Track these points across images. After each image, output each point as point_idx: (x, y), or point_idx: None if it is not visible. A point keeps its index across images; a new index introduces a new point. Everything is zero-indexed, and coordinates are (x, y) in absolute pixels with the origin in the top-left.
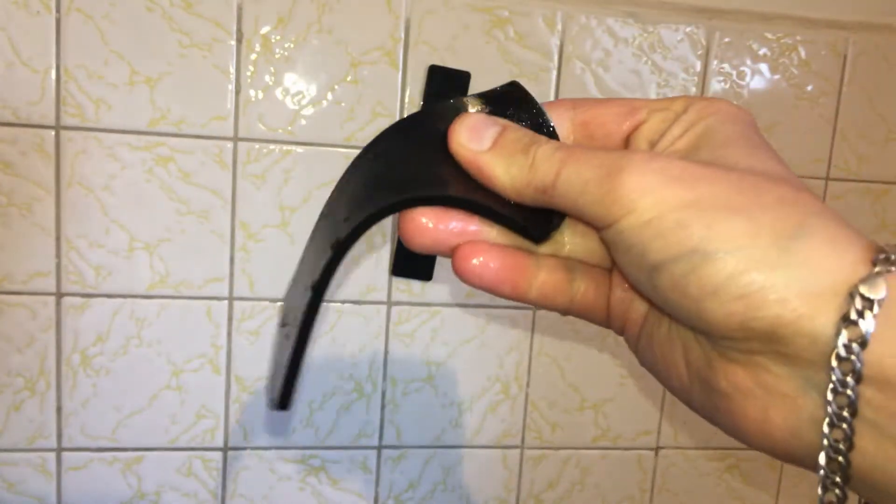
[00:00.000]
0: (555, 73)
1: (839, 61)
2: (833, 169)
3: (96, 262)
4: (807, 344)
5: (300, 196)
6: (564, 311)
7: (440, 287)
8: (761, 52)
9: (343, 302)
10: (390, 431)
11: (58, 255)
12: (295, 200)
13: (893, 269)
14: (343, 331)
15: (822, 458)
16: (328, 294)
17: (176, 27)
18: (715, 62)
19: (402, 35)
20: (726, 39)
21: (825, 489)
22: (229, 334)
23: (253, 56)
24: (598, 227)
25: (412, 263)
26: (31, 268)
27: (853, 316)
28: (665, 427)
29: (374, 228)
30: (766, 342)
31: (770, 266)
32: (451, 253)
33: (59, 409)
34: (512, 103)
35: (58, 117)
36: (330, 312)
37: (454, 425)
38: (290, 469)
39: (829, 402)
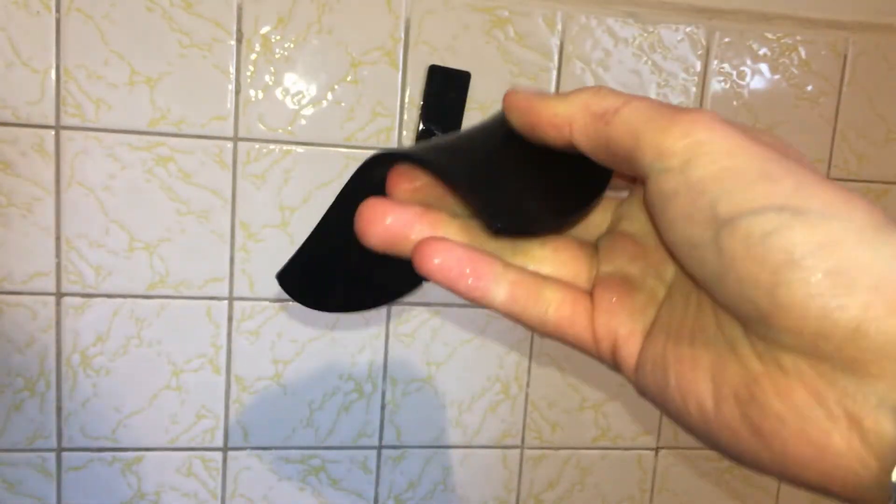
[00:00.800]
0: (555, 73)
1: (839, 61)
2: (833, 169)
3: (96, 262)
4: (892, 350)
5: (300, 196)
6: (538, 326)
7: (440, 287)
8: (761, 52)
9: None
10: (390, 431)
11: (58, 255)
12: (295, 200)
13: None
14: (343, 331)
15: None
16: None
17: (176, 27)
18: (715, 62)
19: (402, 35)
20: (726, 39)
21: None
22: (229, 334)
23: (253, 56)
24: (659, 168)
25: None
26: (30, 268)
27: None
28: (665, 427)
29: None
30: (842, 343)
31: (867, 246)
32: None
33: (59, 410)
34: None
35: (58, 117)
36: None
37: (454, 425)
38: (290, 469)
39: None
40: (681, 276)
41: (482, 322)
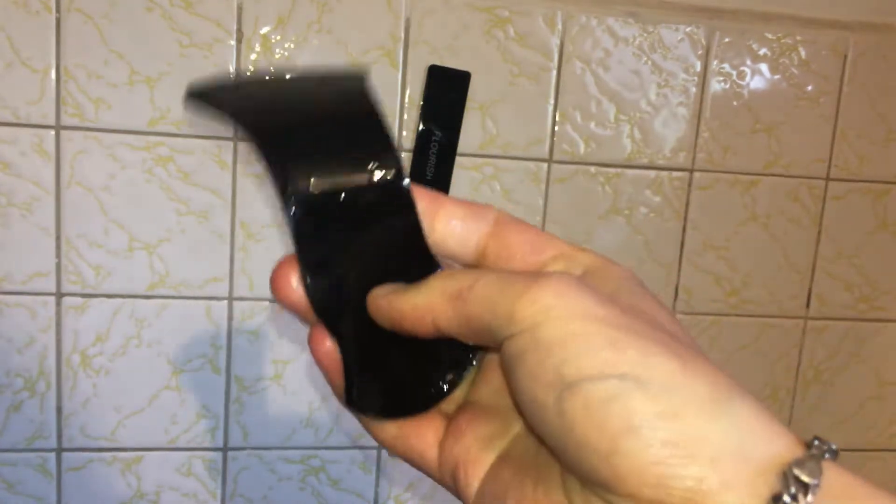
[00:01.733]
0: (555, 72)
1: (839, 61)
2: (833, 169)
3: (96, 262)
4: None
5: None
6: (384, 444)
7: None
8: (761, 52)
9: None
10: None
11: (57, 255)
12: None
13: (828, 455)
14: None
15: None
16: None
17: (176, 27)
18: (715, 62)
19: (402, 35)
20: (726, 39)
21: None
22: (229, 334)
23: (253, 56)
24: (512, 332)
25: None
26: (30, 268)
27: (786, 500)
28: None
29: None
30: None
31: (706, 418)
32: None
33: (58, 410)
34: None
35: (57, 117)
36: None
37: None
38: (289, 469)
39: None
40: None
41: None
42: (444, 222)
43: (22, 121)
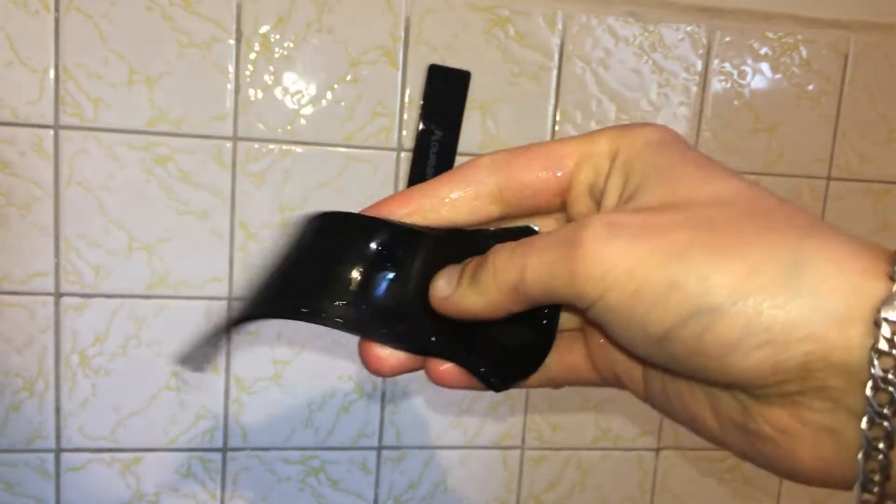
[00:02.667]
0: (555, 72)
1: (840, 61)
2: (834, 169)
3: (95, 262)
4: (842, 375)
5: (300, 196)
6: (552, 386)
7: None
8: (762, 51)
9: None
10: (390, 432)
11: (56, 255)
12: (295, 200)
13: None
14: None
15: (855, 490)
16: None
17: (175, 27)
18: (716, 61)
19: (402, 34)
20: (727, 39)
21: None
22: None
23: (252, 55)
24: (584, 309)
25: None
26: (29, 268)
27: (882, 345)
28: (666, 428)
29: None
30: (801, 381)
31: (784, 303)
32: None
33: (57, 410)
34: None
35: (56, 117)
36: None
37: (454, 426)
38: (289, 470)
39: (865, 434)
40: None
41: None
42: (442, 202)
43: (21, 120)
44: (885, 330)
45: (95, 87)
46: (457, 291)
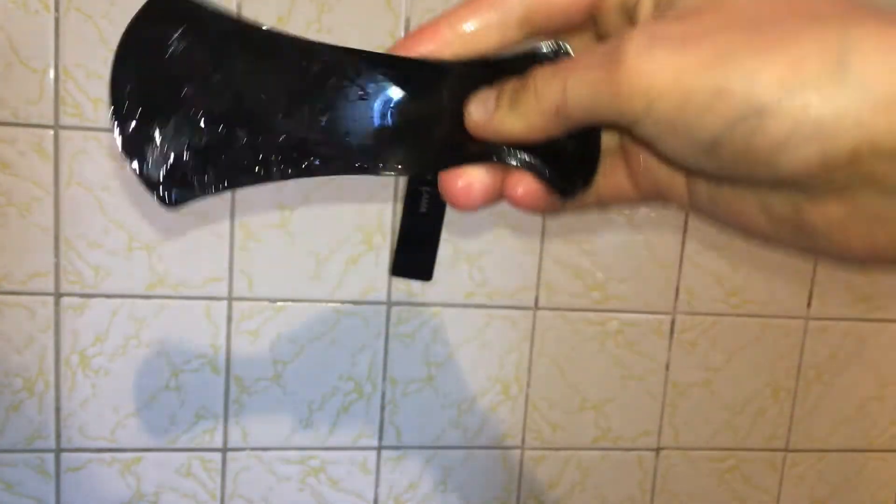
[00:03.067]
0: None
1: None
2: None
3: (95, 261)
4: (891, 161)
5: (300, 195)
6: (600, 207)
7: (440, 287)
8: None
9: (343, 302)
10: (390, 432)
11: (56, 255)
12: (294, 200)
13: None
14: (343, 331)
15: None
16: (328, 294)
17: None
18: None
19: (402, 34)
20: None
21: None
22: (228, 334)
23: None
24: (630, 125)
25: (412, 263)
26: (29, 268)
27: None
28: (665, 427)
29: (373, 227)
30: (850, 171)
31: (831, 95)
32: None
33: (57, 410)
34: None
35: (56, 117)
36: (330, 312)
37: (454, 425)
38: (289, 470)
39: None
40: None
41: (482, 322)
42: (468, 32)
43: (21, 120)
44: None
45: (95, 87)
46: (496, 115)
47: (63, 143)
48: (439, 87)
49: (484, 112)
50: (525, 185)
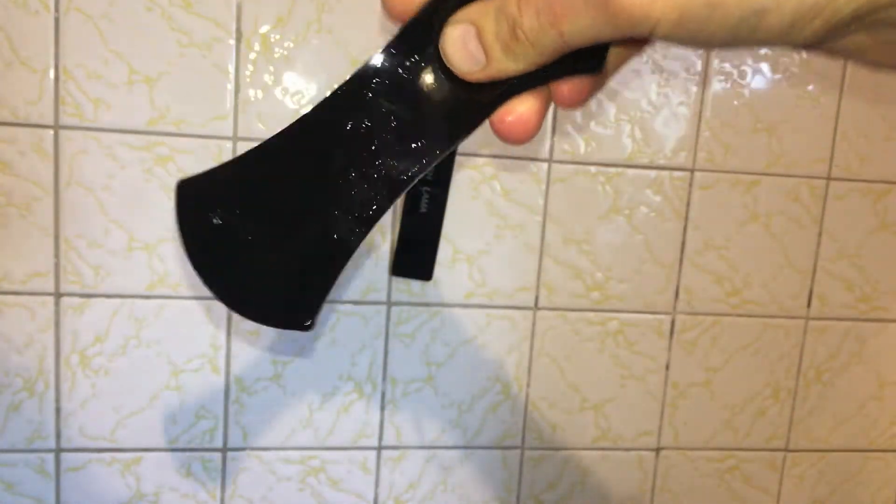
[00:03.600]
0: None
1: (840, 61)
2: (834, 169)
3: (95, 261)
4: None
5: None
6: (637, 52)
7: (440, 287)
8: (762, 51)
9: (343, 302)
10: (390, 431)
11: (56, 255)
12: None
13: None
14: (343, 331)
15: None
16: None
17: (175, 27)
18: (716, 61)
19: None
20: None
21: None
22: (228, 335)
23: (252, 55)
24: (640, 35)
25: (412, 263)
26: (29, 268)
27: None
28: (665, 428)
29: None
30: (860, 24)
31: None
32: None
33: (57, 410)
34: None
35: (56, 117)
36: (330, 313)
37: (454, 426)
38: (289, 470)
39: None
40: None
41: (482, 322)
42: None
43: (21, 120)
44: None
45: (95, 86)
46: (492, 65)
47: (63, 143)
48: (433, 42)
49: (473, 63)
50: (568, 84)
